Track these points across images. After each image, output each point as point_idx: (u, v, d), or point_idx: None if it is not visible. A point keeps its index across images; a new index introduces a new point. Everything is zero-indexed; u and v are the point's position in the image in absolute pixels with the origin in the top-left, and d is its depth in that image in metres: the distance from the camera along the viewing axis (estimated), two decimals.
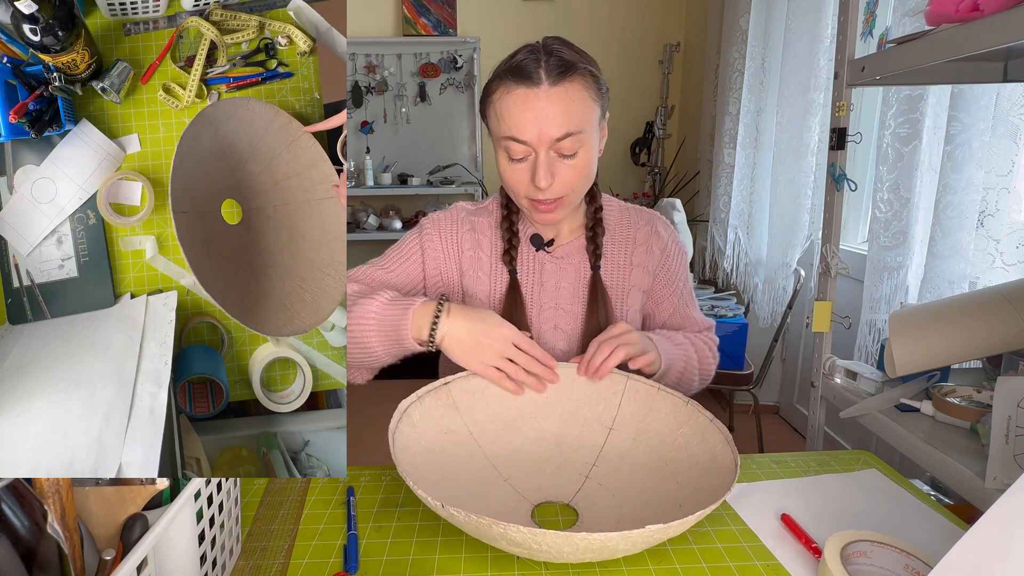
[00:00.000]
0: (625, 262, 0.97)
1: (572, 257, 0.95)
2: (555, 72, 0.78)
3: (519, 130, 0.79)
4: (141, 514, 0.52)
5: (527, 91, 0.78)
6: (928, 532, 0.71)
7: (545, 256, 0.95)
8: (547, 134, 0.78)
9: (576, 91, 0.79)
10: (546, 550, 0.56)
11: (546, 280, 0.95)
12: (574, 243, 0.96)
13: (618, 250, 0.97)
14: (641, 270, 0.97)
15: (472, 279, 0.94)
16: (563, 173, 0.81)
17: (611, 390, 0.84)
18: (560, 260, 0.95)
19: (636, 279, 0.97)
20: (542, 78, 0.77)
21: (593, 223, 0.95)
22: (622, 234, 0.98)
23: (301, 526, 0.71)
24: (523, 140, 0.79)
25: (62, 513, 0.45)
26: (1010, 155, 1.27)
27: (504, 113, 0.80)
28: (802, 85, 2.13)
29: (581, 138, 0.80)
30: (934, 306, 1.07)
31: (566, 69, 0.78)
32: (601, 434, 0.83)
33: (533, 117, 0.78)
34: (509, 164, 0.83)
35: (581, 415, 0.84)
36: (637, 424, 0.82)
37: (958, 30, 0.83)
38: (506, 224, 0.94)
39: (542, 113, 0.78)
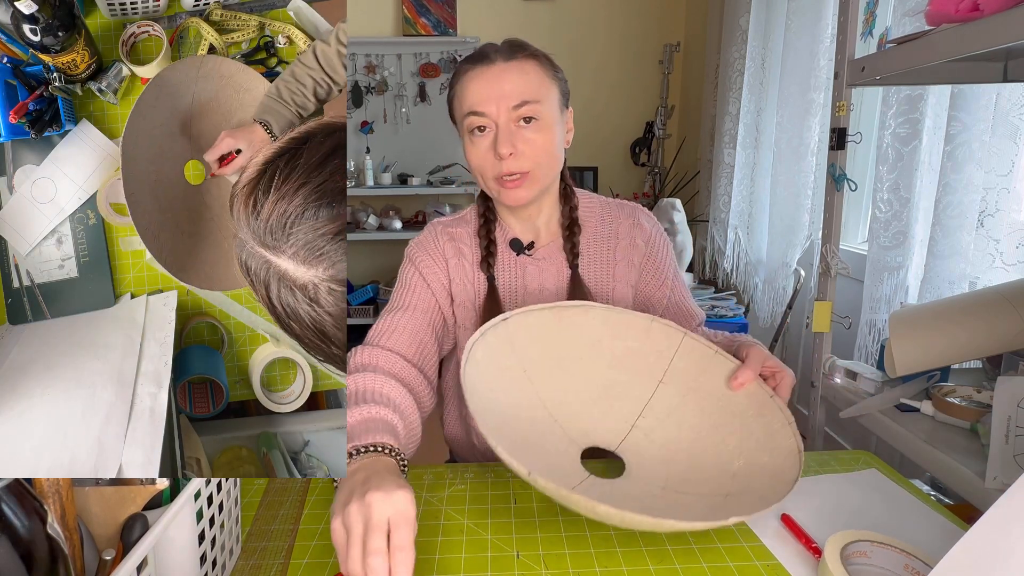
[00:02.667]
0: (608, 258, 0.97)
1: (553, 258, 0.95)
2: (507, 51, 0.84)
3: (477, 103, 0.83)
4: (141, 514, 0.52)
5: (483, 68, 0.84)
6: (928, 532, 0.71)
7: (526, 259, 0.95)
8: (504, 103, 0.82)
9: (530, 66, 0.84)
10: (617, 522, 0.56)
11: (528, 283, 0.95)
12: (553, 244, 0.96)
13: (600, 246, 0.97)
14: (625, 264, 0.97)
15: (459, 288, 0.94)
16: (524, 144, 0.83)
17: (665, 343, 0.84)
18: (541, 262, 0.95)
19: (621, 274, 0.97)
20: (496, 58, 0.84)
21: (569, 222, 0.95)
22: (604, 230, 0.97)
23: (301, 526, 0.71)
24: (482, 111, 0.83)
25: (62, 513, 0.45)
26: (1010, 155, 1.27)
27: (464, 91, 0.85)
28: (802, 85, 2.13)
29: (538, 108, 0.83)
30: (934, 306, 1.07)
31: (518, 49, 0.85)
32: (650, 386, 0.82)
33: (488, 88, 0.83)
34: (472, 143, 0.86)
35: (631, 363, 0.83)
36: (688, 382, 0.81)
37: (958, 30, 0.83)
38: (483, 231, 0.94)
39: (497, 83, 0.82)
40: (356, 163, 3.35)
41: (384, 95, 3.37)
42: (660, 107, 3.46)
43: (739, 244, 2.67)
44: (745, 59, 2.54)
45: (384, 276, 3.55)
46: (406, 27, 3.30)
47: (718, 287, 2.72)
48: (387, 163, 3.40)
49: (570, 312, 0.83)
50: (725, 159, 2.74)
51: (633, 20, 3.43)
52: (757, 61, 2.50)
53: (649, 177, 3.47)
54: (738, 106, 2.62)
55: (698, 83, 3.28)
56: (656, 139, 3.47)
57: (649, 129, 3.48)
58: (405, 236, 3.23)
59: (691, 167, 3.33)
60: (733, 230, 2.70)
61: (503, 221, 0.96)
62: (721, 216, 2.81)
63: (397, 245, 3.52)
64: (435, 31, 3.31)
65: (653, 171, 3.45)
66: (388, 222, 3.25)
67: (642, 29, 3.44)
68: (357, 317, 3.24)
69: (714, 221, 2.89)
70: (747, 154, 2.59)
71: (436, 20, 3.31)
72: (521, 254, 0.95)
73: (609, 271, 0.97)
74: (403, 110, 3.40)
